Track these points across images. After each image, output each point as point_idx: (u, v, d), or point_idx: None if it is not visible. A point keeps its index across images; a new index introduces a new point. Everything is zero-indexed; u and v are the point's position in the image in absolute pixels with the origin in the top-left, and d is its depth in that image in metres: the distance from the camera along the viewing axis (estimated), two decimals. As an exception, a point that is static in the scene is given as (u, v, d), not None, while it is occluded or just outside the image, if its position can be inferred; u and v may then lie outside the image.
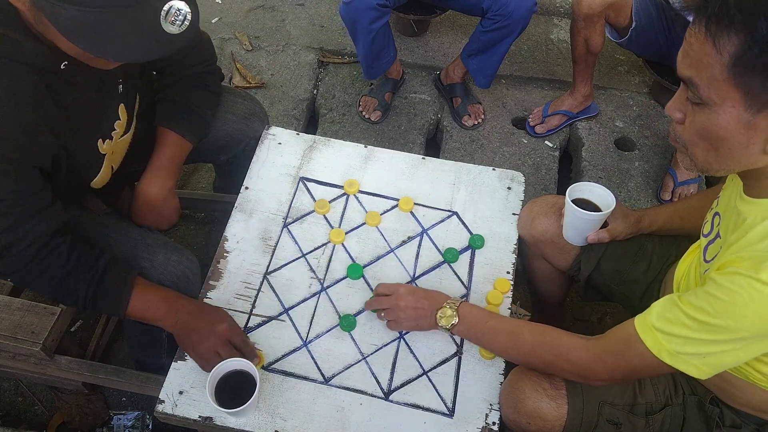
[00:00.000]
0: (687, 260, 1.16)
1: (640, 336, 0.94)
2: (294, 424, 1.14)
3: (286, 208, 1.43)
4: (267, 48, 2.54)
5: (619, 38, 2.00)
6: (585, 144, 2.25)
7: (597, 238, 1.27)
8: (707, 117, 0.82)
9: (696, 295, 0.88)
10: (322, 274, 1.34)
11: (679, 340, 0.90)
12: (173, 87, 1.40)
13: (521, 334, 1.11)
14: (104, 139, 1.22)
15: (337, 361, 1.22)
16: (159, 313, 1.20)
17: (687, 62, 0.82)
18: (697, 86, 0.81)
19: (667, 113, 0.90)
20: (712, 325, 0.86)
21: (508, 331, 1.13)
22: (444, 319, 1.18)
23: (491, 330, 1.15)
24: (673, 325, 0.90)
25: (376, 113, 2.29)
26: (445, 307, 1.19)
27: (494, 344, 1.16)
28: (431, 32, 2.61)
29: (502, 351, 1.16)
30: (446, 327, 1.18)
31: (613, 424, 1.10)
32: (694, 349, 0.89)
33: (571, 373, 1.07)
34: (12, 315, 1.41)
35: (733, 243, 0.89)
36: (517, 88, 2.46)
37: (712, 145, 0.84)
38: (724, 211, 0.99)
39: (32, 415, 1.69)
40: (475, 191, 1.47)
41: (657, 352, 0.92)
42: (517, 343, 1.11)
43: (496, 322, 1.16)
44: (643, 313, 0.97)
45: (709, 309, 0.86)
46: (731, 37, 0.75)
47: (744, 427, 1.08)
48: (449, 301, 1.19)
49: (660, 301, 0.95)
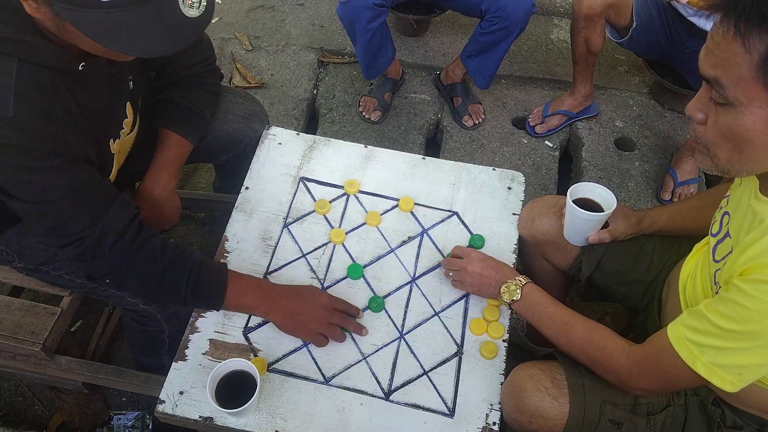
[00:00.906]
0: (692, 260, 1.16)
1: (672, 344, 0.94)
2: (294, 424, 1.14)
3: (287, 208, 1.43)
4: (267, 48, 2.54)
5: (620, 38, 2.00)
6: (585, 144, 2.25)
7: (598, 239, 1.27)
8: (733, 118, 0.80)
9: (722, 303, 0.88)
10: (322, 274, 1.33)
11: (712, 351, 0.89)
12: (173, 87, 1.40)
13: (574, 327, 1.13)
14: (114, 139, 1.23)
15: (338, 361, 1.22)
16: (254, 301, 1.22)
17: (712, 61, 0.80)
18: (723, 86, 0.79)
19: (688, 114, 0.88)
20: (740, 333, 0.85)
21: (563, 321, 1.15)
22: (507, 294, 1.20)
23: (548, 316, 1.17)
24: (701, 335, 0.90)
25: (376, 113, 2.29)
26: (511, 282, 1.21)
27: (547, 329, 1.17)
28: (431, 32, 2.61)
29: (553, 337, 1.17)
30: (507, 301, 1.21)
31: (615, 423, 1.10)
32: (727, 360, 0.89)
33: (611, 374, 1.07)
34: (12, 315, 1.41)
35: (750, 244, 0.88)
36: (517, 88, 2.46)
37: (736, 146, 0.82)
38: (734, 210, 0.98)
39: (32, 415, 1.69)
40: (475, 191, 1.47)
41: (691, 363, 0.92)
42: (568, 334, 1.13)
43: (555, 309, 1.17)
44: (675, 323, 0.96)
45: (736, 317, 0.85)
46: (762, 36, 0.74)
47: (745, 427, 1.08)
48: (517, 277, 1.22)
49: (687, 311, 0.95)
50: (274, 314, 1.23)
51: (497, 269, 1.25)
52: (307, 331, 1.22)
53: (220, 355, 1.21)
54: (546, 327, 1.17)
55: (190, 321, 1.25)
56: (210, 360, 1.21)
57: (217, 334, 1.24)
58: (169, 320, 1.35)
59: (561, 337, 1.14)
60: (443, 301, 1.30)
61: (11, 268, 1.38)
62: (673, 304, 1.17)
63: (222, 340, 1.23)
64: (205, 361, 1.21)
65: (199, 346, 1.22)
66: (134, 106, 1.28)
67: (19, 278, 1.43)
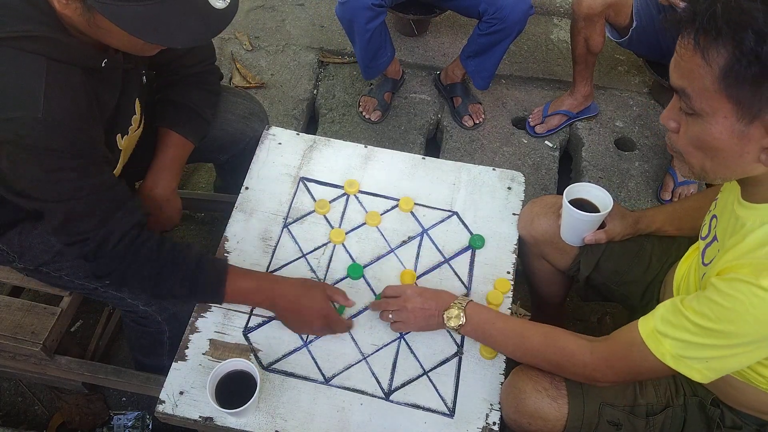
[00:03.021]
0: (686, 262, 1.16)
1: (643, 339, 0.95)
2: (294, 424, 1.14)
3: (287, 208, 1.43)
4: (267, 48, 2.54)
5: (620, 38, 2.00)
6: (585, 144, 2.25)
7: (594, 239, 1.28)
8: (701, 127, 0.82)
9: (698, 300, 0.89)
10: (322, 274, 1.34)
11: (682, 344, 0.90)
12: (173, 87, 1.40)
13: (528, 336, 1.12)
14: (123, 135, 1.23)
15: (338, 361, 1.22)
16: (255, 301, 1.24)
17: (678, 73, 0.82)
18: (690, 97, 0.81)
19: (662, 122, 0.90)
20: (714, 330, 0.86)
21: (516, 332, 1.13)
22: (452, 320, 1.18)
23: (498, 331, 1.15)
24: (675, 329, 0.91)
25: (376, 113, 2.29)
26: (452, 307, 1.18)
27: (501, 345, 1.17)
28: (431, 32, 2.61)
29: (509, 352, 1.16)
30: (454, 327, 1.18)
31: (614, 425, 1.10)
32: (697, 353, 0.90)
33: (577, 375, 1.07)
34: (12, 315, 1.41)
35: (731, 248, 0.89)
36: (517, 88, 2.46)
37: (706, 154, 0.85)
38: (721, 214, 0.99)
39: (32, 415, 1.69)
40: (475, 191, 1.47)
41: (660, 356, 0.93)
42: (524, 345, 1.12)
43: (504, 323, 1.16)
44: (647, 316, 0.97)
45: (710, 314, 0.86)
46: (720, 49, 0.76)
47: (744, 428, 1.08)
48: (456, 300, 1.19)
49: (663, 305, 0.95)
50: (275, 311, 1.24)
51: (436, 298, 1.21)
52: (310, 329, 1.23)
53: (220, 355, 1.21)
54: (500, 344, 1.16)
55: (190, 321, 1.25)
56: (210, 360, 1.21)
57: (217, 334, 1.24)
58: (169, 321, 1.35)
59: (518, 349, 1.13)
60: (443, 301, 1.30)
61: (12, 269, 1.38)
62: None
63: (222, 340, 1.23)
64: (205, 361, 1.21)
65: (199, 346, 1.23)
66: (142, 102, 1.29)
67: (20, 278, 1.43)
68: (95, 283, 1.30)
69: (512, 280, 1.33)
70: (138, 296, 1.30)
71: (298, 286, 1.23)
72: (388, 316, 1.24)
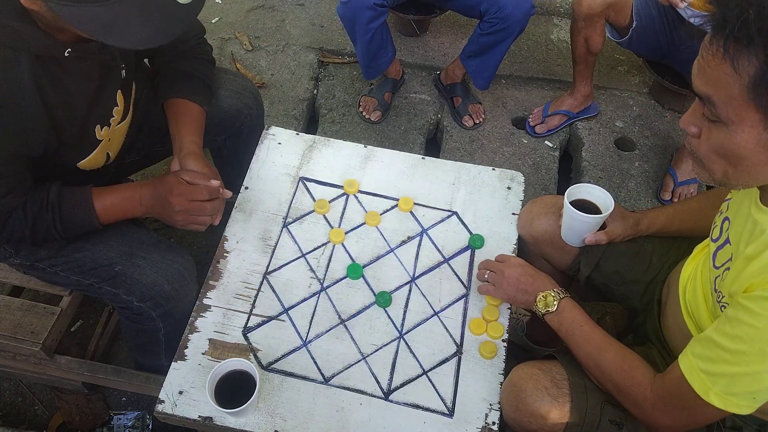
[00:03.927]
0: (693, 263, 1.15)
1: (686, 378, 0.93)
2: (294, 424, 1.14)
3: (286, 208, 1.43)
4: (267, 48, 2.54)
5: (620, 38, 2.00)
6: (585, 144, 2.25)
7: (594, 240, 1.27)
8: (725, 135, 0.80)
9: (730, 324, 0.87)
10: (321, 274, 1.34)
11: (724, 379, 0.88)
12: (177, 62, 1.40)
13: (607, 352, 1.09)
14: (102, 126, 1.23)
15: (337, 361, 1.22)
16: (126, 211, 1.25)
17: (703, 80, 0.79)
18: (715, 104, 0.78)
19: (682, 127, 0.87)
20: (750, 353, 0.85)
21: (597, 344, 1.11)
22: (543, 303, 1.18)
23: (582, 334, 1.13)
24: (713, 363, 0.89)
25: (376, 113, 2.29)
26: (550, 293, 1.19)
27: (578, 348, 1.14)
28: (431, 32, 2.61)
29: (580, 356, 1.13)
30: (541, 311, 1.18)
31: (615, 424, 1.10)
32: (741, 387, 0.87)
33: (635, 408, 1.04)
34: (12, 315, 1.41)
35: (752, 258, 0.87)
36: (517, 88, 2.46)
37: (730, 162, 0.83)
38: (734, 217, 0.97)
39: (32, 415, 1.69)
40: (475, 191, 1.47)
41: (704, 395, 0.90)
42: (599, 359, 1.09)
43: (590, 329, 1.13)
44: (685, 353, 0.95)
45: (744, 336, 0.85)
46: (751, 58, 0.73)
47: (745, 428, 1.08)
48: (556, 289, 1.19)
49: (695, 340, 0.94)
50: (148, 214, 1.26)
51: (536, 278, 1.22)
52: (180, 225, 1.23)
53: (220, 355, 1.21)
54: (577, 346, 1.14)
55: (190, 321, 1.26)
56: (209, 360, 1.21)
57: (217, 333, 1.24)
58: (163, 318, 1.35)
59: (591, 359, 1.11)
60: (443, 301, 1.30)
61: (10, 267, 1.39)
62: (673, 306, 1.17)
63: (221, 339, 1.23)
64: (204, 361, 1.21)
65: (199, 345, 1.23)
66: (126, 95, 1.28)
67: (19, 278, 1.43)
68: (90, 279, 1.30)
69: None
70: (132, 292, 1.30)
71: (156, 181, 1.24)
72: (484, 275, 1.26)
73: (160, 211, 1.23)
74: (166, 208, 1.21)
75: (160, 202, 1.22)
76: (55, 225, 1.18)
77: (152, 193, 1.23)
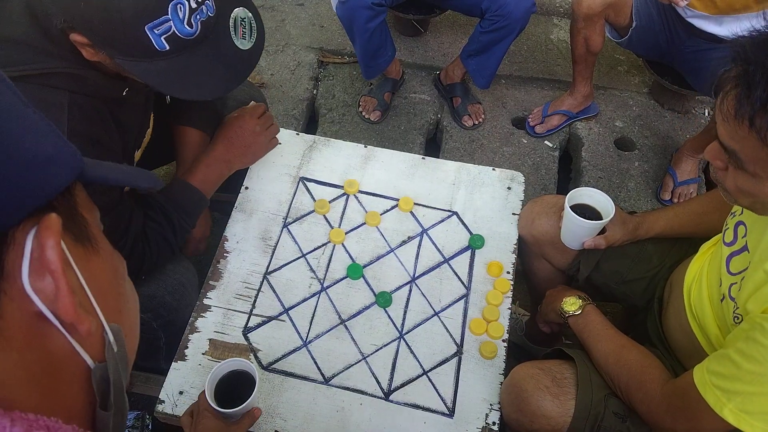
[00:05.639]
0: (697, 263, 1.15)
1: (699, 391, 0.92)
2: (294, 424, 1.14)
3: (286, 208, 1.43)
4: (267, 48, 2.54)
5: (619, 38, 2.00)
6: (585, 144, 2.25)
7: (594, 245, 1.27)
8: (752, 184, 0.81)
9: (747, 344, 0.87)
10: (322, 274, 1.33)
11: (739, 397, 0.88)
12: None
13: (630, 350, 1.11)
14: (137, 149, 1.26)
15: (337, 361, 1.22)
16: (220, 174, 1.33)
17: (729, 135, 0.79)
18: (742, 160, 0.79)
19: (707, 158, 0.87)
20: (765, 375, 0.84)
21: (621, 343, 1.13)
22: (568, 305, 1.23)
23: (608, 336, 1.15)
24: (728, 381, 0.89)
25: (376, 113, 2.29)
26: (575, 297, 1.24)
27: (600, 344, 1.15)
28: (431, 32, 2.61)
29: (600, 355, 1.14)
30: (565, 312, 1.23)
31: (619, 417, 1.10)
32: (756, 407, 0.87)
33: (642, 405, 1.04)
34: (12, 315, 1.41)
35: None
36: (517, 88, 2.46)
37: (757, 200, 0.84)
38: (752, 224, 0.96)
39: (32, 415, 1.69)
40: (475, 191, 1.47)
41: (719, 410, 0.90)
42: (621, 355, 1.11)
43: (615, 331, 1.17)
44: (700, 367, 0.94)
45: (760, 358, 0.84)
46: None
47: None
48: (581, 294, 1.26)
49: (712, 356, 0.94)
50: (233, 166, 1.34)
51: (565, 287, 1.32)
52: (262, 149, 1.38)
53: (220, 355, 1.21)
54: (600, 343, 1.15)
55: (190, 321, 1.26)
56: (209, 360, 1.21)
57: (217, 334, 1.24)
58: (164, 328, 1.34)
59: (612, 355, 1.12)
60: (443, 301, 1.30)
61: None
62: (676, 306, 1.16)
63: (221, 340, 1.23)
64: (204, 361, 1.21)
65: (199, 346, 1.23)
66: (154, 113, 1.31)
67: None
68: None
69: (512, 280, 1.33)
70: None
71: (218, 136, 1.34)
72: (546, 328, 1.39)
73: (242, 149, 1.32)
74: (245, 139, 1.30)
75: (237, 141, 1.30)
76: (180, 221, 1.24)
77: (224, 142, 1.31)
